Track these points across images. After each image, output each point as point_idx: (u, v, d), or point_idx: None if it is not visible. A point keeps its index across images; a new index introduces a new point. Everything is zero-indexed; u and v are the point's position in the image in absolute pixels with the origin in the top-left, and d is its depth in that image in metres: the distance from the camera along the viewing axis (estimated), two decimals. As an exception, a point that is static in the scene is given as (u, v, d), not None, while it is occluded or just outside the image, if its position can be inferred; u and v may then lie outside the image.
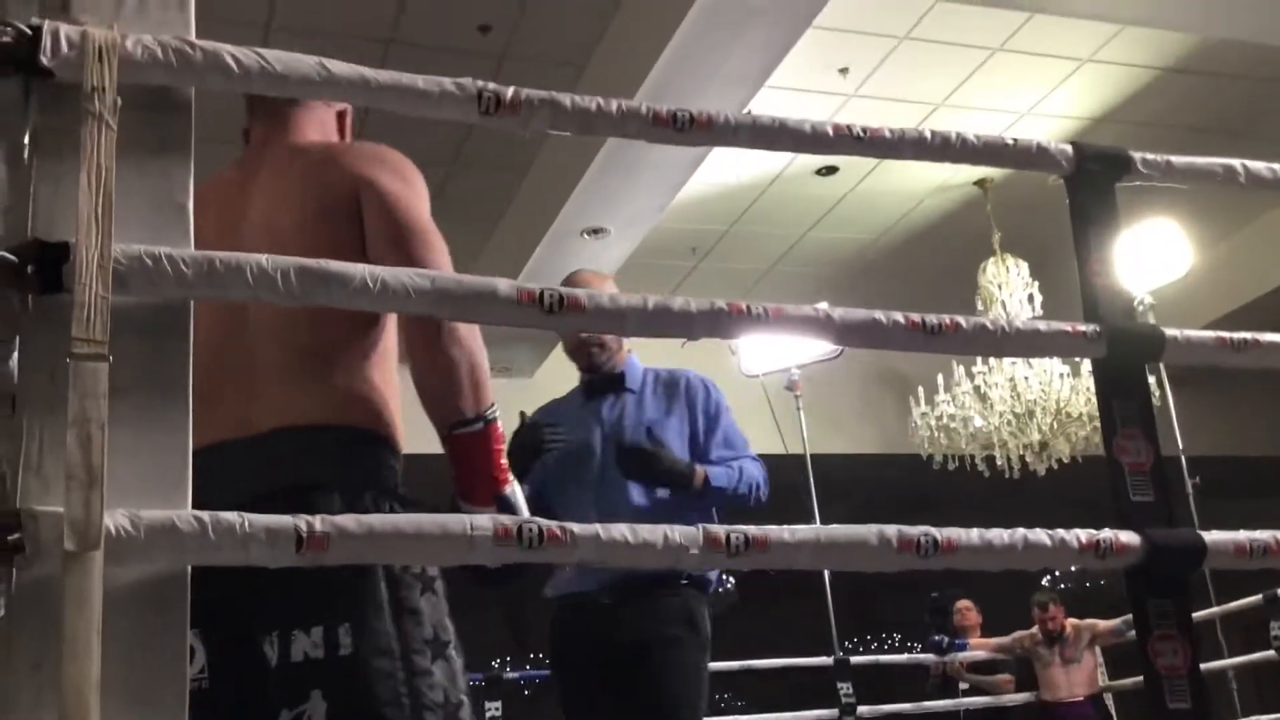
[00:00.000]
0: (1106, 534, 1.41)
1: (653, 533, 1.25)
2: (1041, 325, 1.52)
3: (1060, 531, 1.40)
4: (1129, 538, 1.41)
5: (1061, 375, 6.33)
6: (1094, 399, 5.27)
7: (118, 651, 1.01)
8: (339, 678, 1.43)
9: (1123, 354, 1.53)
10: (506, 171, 6.21)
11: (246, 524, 1.09)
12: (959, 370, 6.55)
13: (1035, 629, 5.86)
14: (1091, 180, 1.61)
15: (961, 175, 6.66)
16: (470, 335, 1.61)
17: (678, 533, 1.26)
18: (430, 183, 1.83)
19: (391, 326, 1.70)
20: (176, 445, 1.14)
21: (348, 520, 1.14)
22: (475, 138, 5.86)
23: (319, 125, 1.91)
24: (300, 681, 1.43)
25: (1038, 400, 6.31)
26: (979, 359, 6.46)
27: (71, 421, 1.00)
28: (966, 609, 6.38)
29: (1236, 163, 1.66)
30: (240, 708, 1.48)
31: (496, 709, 4.59)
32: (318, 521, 1.13)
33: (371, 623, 1.46)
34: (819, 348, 6.93)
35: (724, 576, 3.58)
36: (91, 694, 0.94)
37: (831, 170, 6.50)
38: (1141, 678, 1.37)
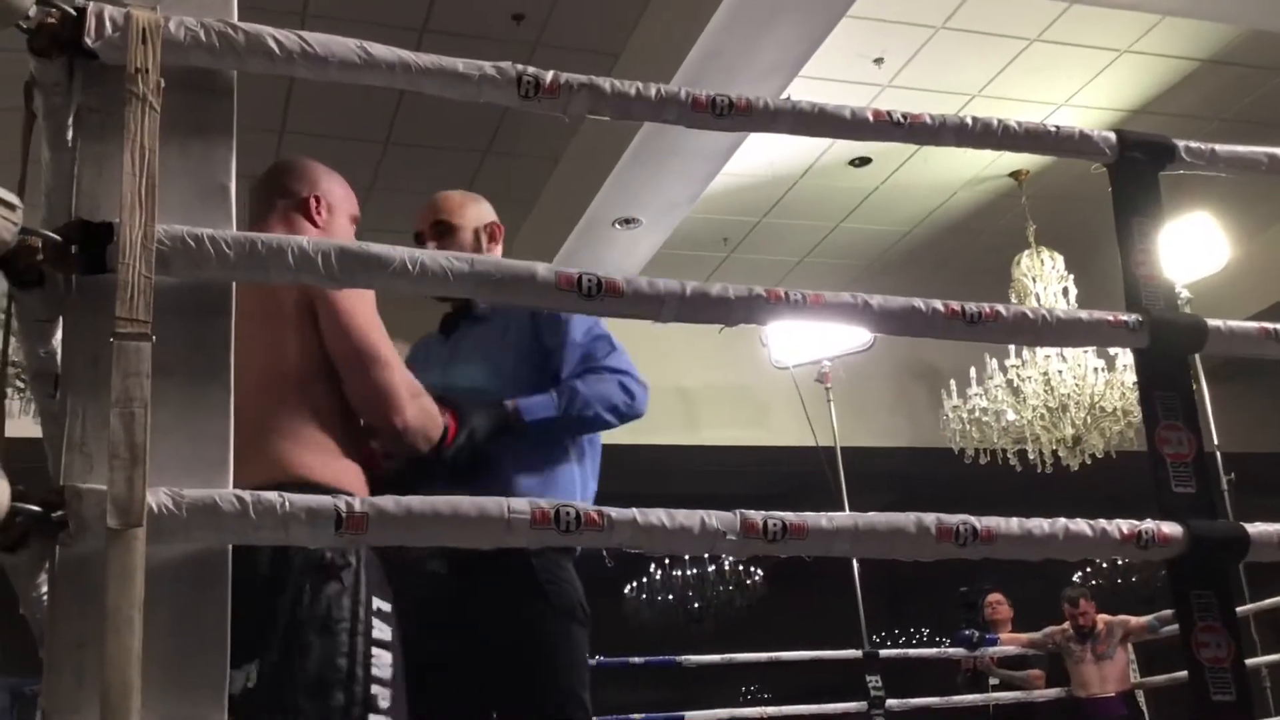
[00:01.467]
0: (1149, 525, 1.40)
1: (689, 518, 1.25)
2: (1083, 315, 1.51)
3: (1101, 522, 1.39)
4: (1171, 529, 1.40)
5: (1096, 369, 6.27)
6: (1129, 394, 5.22)
7: (159, 628, 1.01)
8: (248, 709, 1.53)
9: (1165, 344, 1.51)
10: (539, 160, 6.21)
11: (287, 504, 1.09)
12: (992, 363, 6.51)
13: (1067, 624, 5.82)
14: (1135, 168, 1.59)
15: (996, 167, 6.61)
16: (420, 421, 1.97)
17: (714, 518, 1.25)
18: (463, 170, 1.85)
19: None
20: (218, 426, 1.15)
21: (387, 502, 1.14)
22: (507, 125, 5.86)
23: (285, 222, 2.03)
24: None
25: (1071, 394, 6.26)
26: (1012, 352, 6.41)
27: (115, 401, 1.01)
28: (997, 603, 6.34)
29: (1282, 151, 1.64)
30: None
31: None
32: (357, 503, 1.13)
33: (267, 660, 1.64)
34: (850, 339, 6.91)
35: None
36: (133, 670, 0.94)
37: (865, 161, 6.46)
38: (1173, 674, 1.35)
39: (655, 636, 8.44)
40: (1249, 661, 4.83)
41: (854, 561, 5.35)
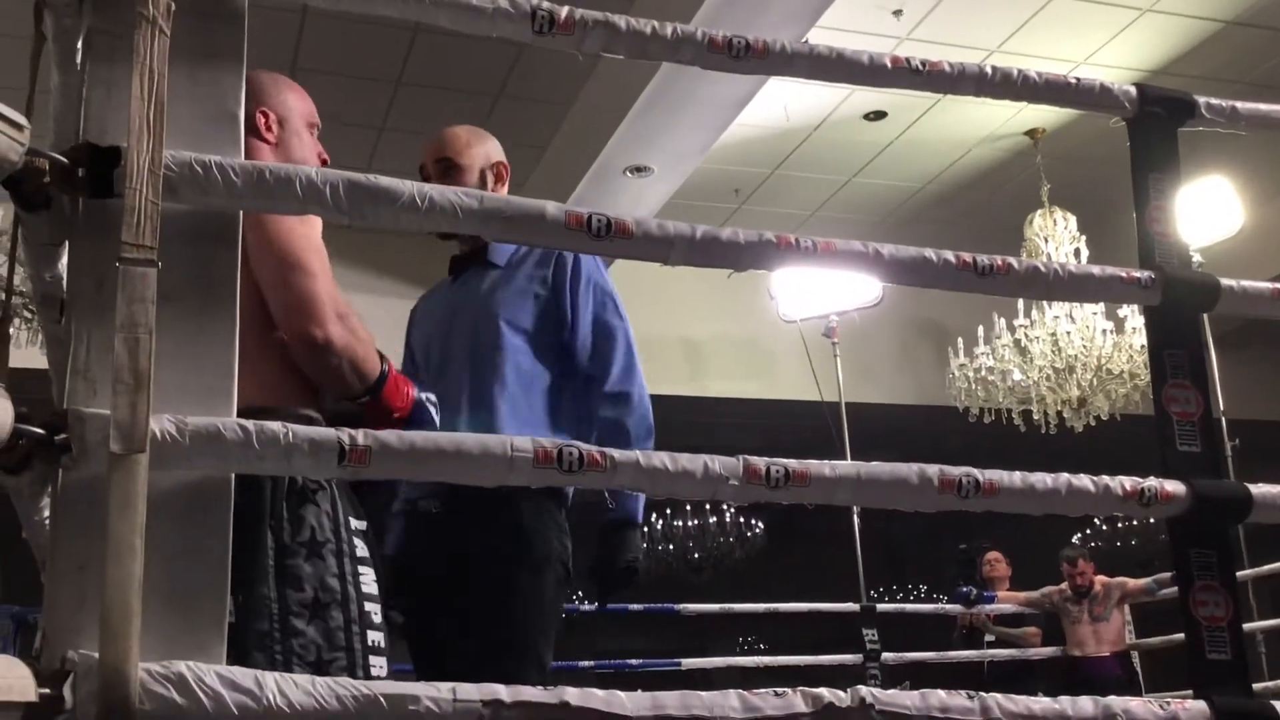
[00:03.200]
0: (1152, 482, 1.39)
1: (692, 462, 1.25)
2: (1095, 270, 1.50)
3: (1104, 478, 1.39)
4: (1174, 487, 1.40)
5: (1104, 331, 6.25)
6: (1136, 356, 5.21)
7: (160, 554, 1.02)
8: (246, 637, 1.57)
9: (1177, 302, 1.50)
10: (552, 105, 6.17)
11: (291, 434, 1.09)
12: (1000, 322, 6.48)
13: (1064, 584, 5.85)
14: (1154, 123, 1.58)
15: (1012, 125, 6.55)
16: (345, 340, 1.73)
17: (718, 463, 1.25)
18: (475, 113, 1.84)
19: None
20: (222, 354, 1.14)
21: (390, 436, 1.14)
22: (521, 69, 5.81)
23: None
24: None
25: (1078, 356, 6.25)
26: (1020, 311, 6.39)
27: (119, 326, 1.01)
28: (996, 560, 6.37)
29: (1304, 110, 1.62)
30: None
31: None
32: (360, 435, 1.13)
33: (258, 590, 1.61)
34: (858, 295, 6.88)
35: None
36: (134, 595, 0.95)
37: (880, 115, 6.41)
38: (1168, 636, 1.35)
39: (655, 586, 8.48)
40: (1246, 627, 4.87)
41: (854, 516, 5.37)
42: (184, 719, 0.98)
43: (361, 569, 1.72)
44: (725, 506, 10.22)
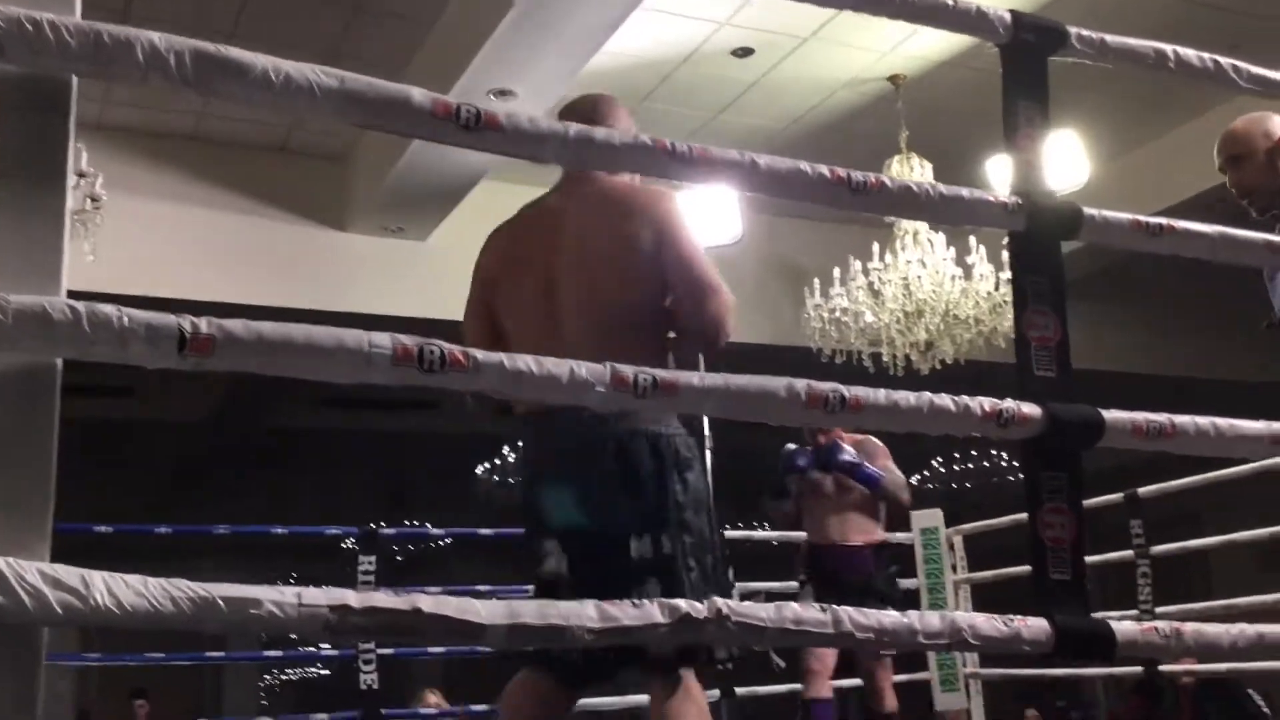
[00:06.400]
0: (1009, 404, 1.41)
1: (558, 366, 1.21)
2: (965, 192, 1.50)
3: (964, 398, 1.40)
4: (1031, 409, 1.42)
5: (954, 277, 6.40)
6: (982, 303, 5.31)
7: (-23, 442, 0.93)
8: (662, 568, 2.11)
9: (1041, 229, 1.52)
10: (411, 23, 5.97)
11: (125, 319, 1.01)
12: (855, 264, 6.59)
13: None
14: (1026, 51, 1.58)
15: (876, 69, 6.61)
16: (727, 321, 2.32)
17: (584, 369, 1.22)
18: (328, 32, 1.74)
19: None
20: (52, 233, 1.05)
21: (236, 325, 1.07)
22: (383, -16, 5.60)
23: None
24: (640, 571, 2.10)
25: (928, 300, 6.39)
26: (875, 254, 6.50)
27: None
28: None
29: (1168, 48, 1.65)
30: (599, 590, 1.82)
31: (371, 562, 4.57)
32: (203, 323, 1.06)
33: (672, 532, 2.14)
34: (718, 233, 6.90)
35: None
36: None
37: (747, 52, 6.39)
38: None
39: (508, 517, 8.45)
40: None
41: (707, 452, 5.40)
42: (3, 619, 0.90)
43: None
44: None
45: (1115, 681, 7.19)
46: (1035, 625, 1.31)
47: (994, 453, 11.48)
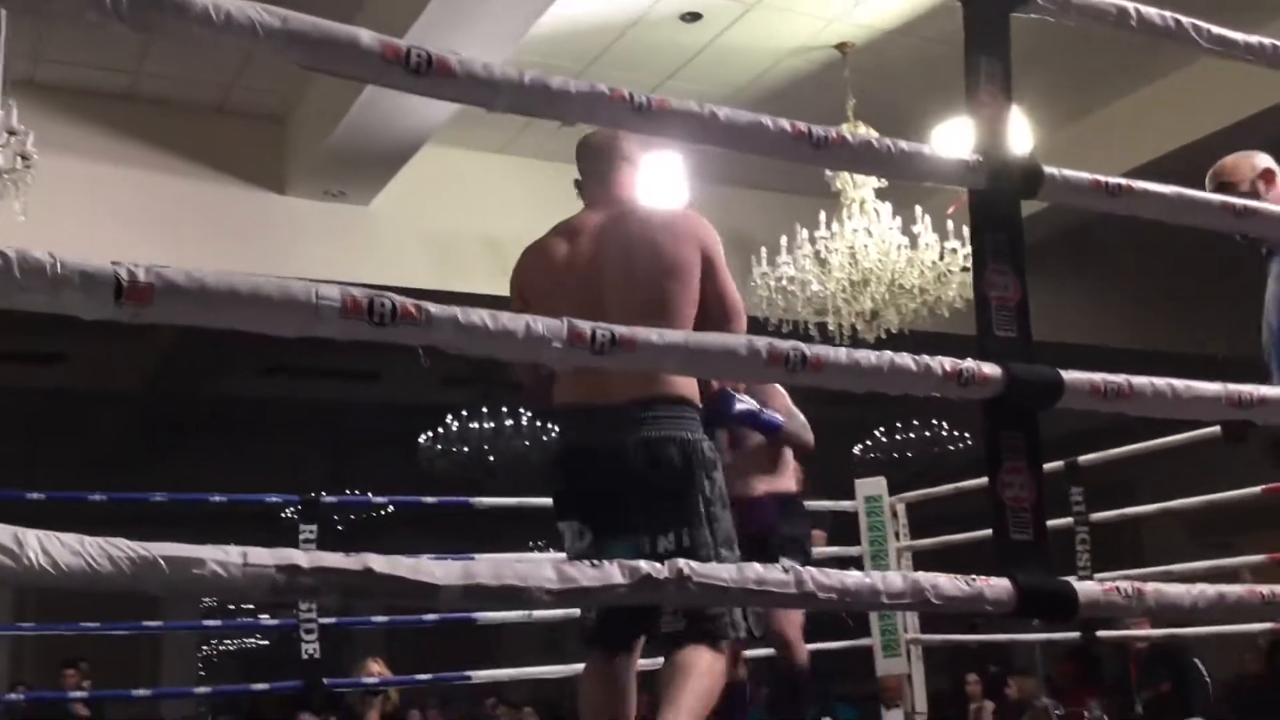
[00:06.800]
0: (969, 364, 1.40)
1: (514, 321, 1.17)
2: (925, 149, 1.48)
3: (925, 357, 1.38)
4: (991, 369, 1.40)
5: (899, 247, 6.41)
6: (927, 273, 5.31)
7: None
8: (690, 556, 2.18)
9: (1001, 187, 1.50)
10: (355, -17, 5.85)
11: (59, 265, 0.96)
12: (802, 232, 6.58)
13: None
14: (987, 5, 1.56)
15: (823, 37, 6.59)
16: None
17: (541, 324, 1.18)
18: None
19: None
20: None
21: (177, 274, 1.02)
22: (325, -60, 5.47)
23: (632, 183, 2.71)
24: (670, 556, 2.32)
25: (874, 269, 6.40)
26: (822, 223, 6.49)
27: None
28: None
29: (1130, 5, 1.63)
30: None
31: (312, 531, 4.51)
32: (141, 271, 1.01)
33: (696, 529, 2.33)
34: (665, 199, 6.86)
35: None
36: None
37: (695, 17, 6.34)
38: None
39: (449, 487, 8.39)
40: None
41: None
42: (-75, 580, 0.85)
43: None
44: (521, 410, 10.17)
45: (1052, 647, 7.32)
46: (998, 585, 1.30)
47: (934, 422, 11.58)
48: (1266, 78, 2.09)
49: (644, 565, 1.15)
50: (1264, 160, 2.89)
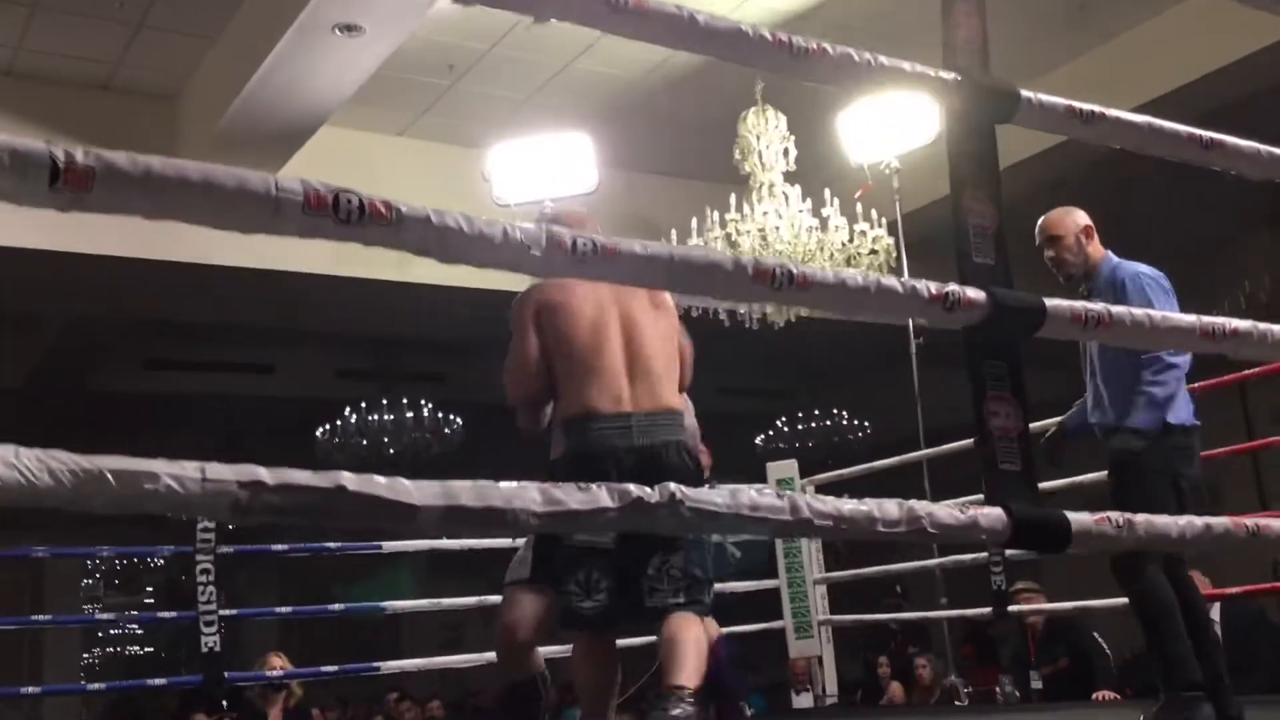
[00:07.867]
0: (954, 288, 1.34)
1: (491, 226, 1.07)
2: (905, 65, 1.42)
3: (911, 280, 1.32)
4: (975, 294, 1.35)
5: (810, 229, 6.42)
6: (837, 255, 5.28)
7: None
8: (689, 539, 2.66)
9: (978, 108, 1.45)
10: (252, -47, 5.64)
11: (-15, 136, 0.83)
12: (712, 215, 6.54)
13: None
14: (961, -75, 1.50)
15: (734, 18, 6.56)
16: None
17: (519, 231, 1.09)
18: None
19: None
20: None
21: (120, 157, 0.90)
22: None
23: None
24: (670, 539, 2.64)
25: (785, 252, 6.39)
26: (732, 205, 6.46)
27: None
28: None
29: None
30: (632, 558, 2.66)
31: (210, 526, 4.30)
32: (79, 153, 0.89)
33: (689, 553, 2.68)
34: (574, 183, 6.77)
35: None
36: None
37: (603, -3, 6.25)
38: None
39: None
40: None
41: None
42: None
43: None
44: (422, 402, 9.96)
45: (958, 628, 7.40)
46: (992, 514, 1.24)
47: (835, 411, 11.68)
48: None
49: (633, 489, 1.06)
50: (1083, 218, 3.28)
